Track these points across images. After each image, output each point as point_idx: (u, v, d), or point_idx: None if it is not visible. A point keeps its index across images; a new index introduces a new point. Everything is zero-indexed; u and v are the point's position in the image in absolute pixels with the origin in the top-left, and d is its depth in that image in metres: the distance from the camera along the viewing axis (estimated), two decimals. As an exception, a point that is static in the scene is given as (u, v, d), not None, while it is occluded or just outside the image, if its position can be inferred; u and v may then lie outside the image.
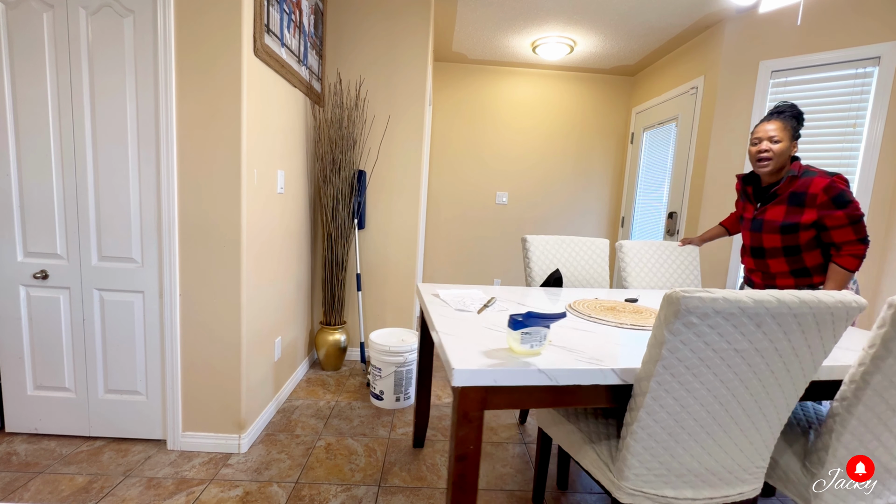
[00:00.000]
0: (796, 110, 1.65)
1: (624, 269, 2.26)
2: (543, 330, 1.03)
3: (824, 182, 1.55)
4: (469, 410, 0.98)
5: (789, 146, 1.62)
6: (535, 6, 2.80)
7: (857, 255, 1.54)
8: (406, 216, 2.84)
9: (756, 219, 1.72)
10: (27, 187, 1.70)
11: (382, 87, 2.72)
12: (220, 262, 1.74)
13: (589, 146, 4.13)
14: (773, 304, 0.82)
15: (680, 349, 0.84)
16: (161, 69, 1.63)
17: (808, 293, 0.84)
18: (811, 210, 1.57)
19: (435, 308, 1.47)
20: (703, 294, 0.80)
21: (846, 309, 0.86)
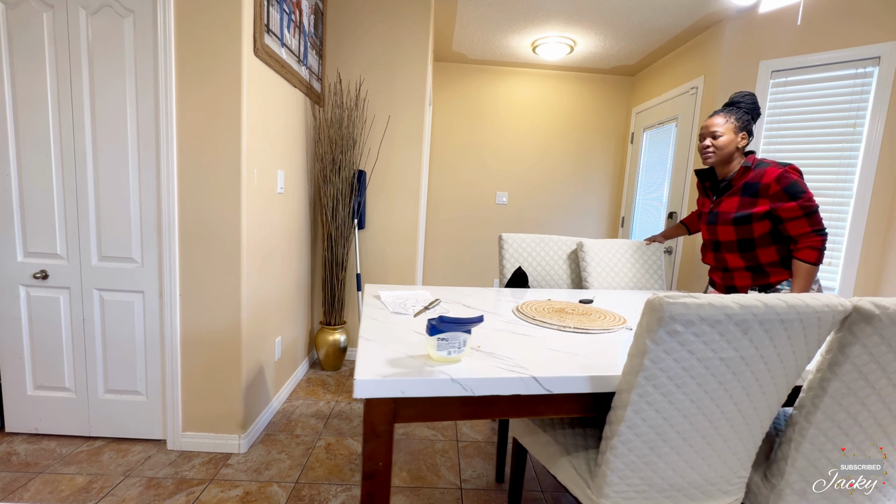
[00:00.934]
0: (747, 102, 1.62)
1: (585, 269, 2.18)
2: (462, 335, 0.96)
3: (776, 172, 1.52)
4: (377, 424, 0.91)
5: (734, 139, 1.61)
6: (535, 6, 2.80)
7: (815, 246, 1.49)
8: (406, 216, 2.84)
9: (712, 212, 1.69)
10: (27, 187, 1.70)
11: (382, 87, 2.72)
12: (220, 262, 1.74)
13: (589, 146, 4.13)
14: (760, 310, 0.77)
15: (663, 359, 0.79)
16: (161, 69, 1.63)
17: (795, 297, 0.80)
18: (764, 200, 1.54)
19: (370, 311, 1.39)
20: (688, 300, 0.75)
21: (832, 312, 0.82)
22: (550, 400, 0.98)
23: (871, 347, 0.85)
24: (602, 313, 1.47)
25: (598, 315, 1.45)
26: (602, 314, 1.46)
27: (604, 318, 1.41)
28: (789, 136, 2.56)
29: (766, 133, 2.63)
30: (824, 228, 1.50)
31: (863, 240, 2.31)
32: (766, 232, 1.57)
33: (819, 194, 2.47)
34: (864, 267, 2.32)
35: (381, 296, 1.57)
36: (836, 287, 2.40)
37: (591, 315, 1.44)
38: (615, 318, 1.40)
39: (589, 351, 1.10)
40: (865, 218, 2.30)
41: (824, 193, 2.44)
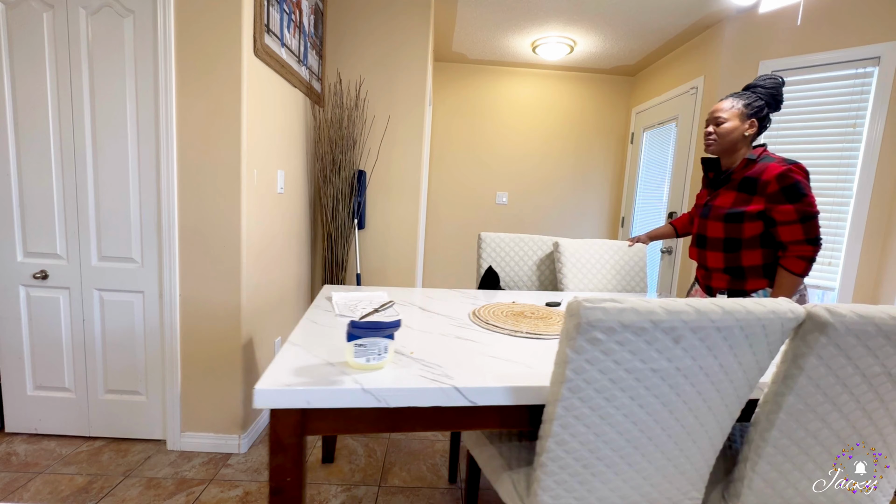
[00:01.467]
0: (766, 87, 1.46)
1: (560, 271, 2.07)
2: (383, 341, 0.91)
3: (779, 169, 1.37)
4: (283, 436, 0.85)
5: (740, 127, 1.45)
6: (535, 6, 2.80)
7: (805, 256, 1.35)
8: (406, 216, 2.84)
9: (707, 204, 1.56)
10: (27, 187, 1.70)
11: (382, 88, 2.72)
12: (220, 262, 1.74)
13: (589, 146, 4.13)
14: (691, 317, 0.70)
15: (586, 369, 0.72)
16: (161, 69, 1.63)
17: (734, 302, 0.73)
18: (760, 199, 1.40)
19: (313, 313, 1.34)
20: (608, 305, 0.67)
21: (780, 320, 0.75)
22: (478, 412, 0.91)
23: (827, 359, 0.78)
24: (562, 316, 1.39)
25: (560, 319, 1.37)
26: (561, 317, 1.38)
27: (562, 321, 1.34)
28: (789, 136, 2.56)
29: (765, 133, 2.63)
30: (820, 238, 1.37)
31: (863, 240, 2.32)
32: (757, 234, 1.44)
33: (819, 194, 2.46)
34: (864, 267, 2.32)
35: (334, 297, 1.53)
36: (836, 287, 2.41)
37: (551, 319, 1.37)
38: None
39: (533, 358, 1.04)
40: (865, 218, 2.30)
41: (824, 193, 2.44)
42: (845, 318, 0.75)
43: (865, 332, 0.76)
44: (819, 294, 2.52)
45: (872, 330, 0.76)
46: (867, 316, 0.76)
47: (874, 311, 0.76)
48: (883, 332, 0.77)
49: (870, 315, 0.76)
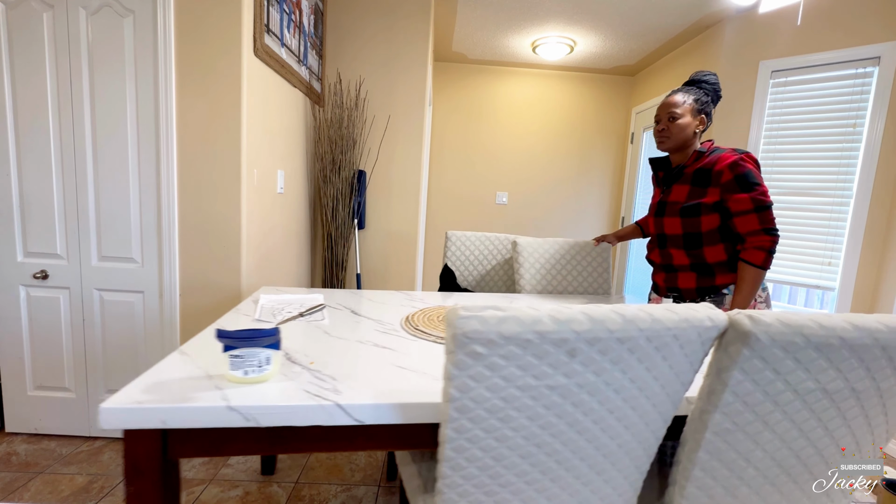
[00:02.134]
0: (710, 83, 1.47)
1: (518, 271, 1.96)
2: (264, 352, 0.83)
3: (731, 158, 1.36)
4: (140, 460, 0.75)
5: (692, 122, 1.44)
6: (535, 6, 2.80)
7: (763, 247, 1.32)
8: (406, 216, 2.84)
9: (661, 202, 1.53)
10: (27, 187, 1.70)
11: (382, 87, 2.72)
12: (220, 262, 1.74)
13: (589, 146, 4.13)
14: (584, 327, 0.61)
15: (472, 387, 0.63)
16: (161, 69, 1.63)
17: (638, 309, 0.65)
18: (714, 190, 1.38)
19: (229, 317, 1.26)
20: (487, 314, 0.59)
21: (696, 329, 0.67)
22: (371, 432, 0.81)
23: (752, 374, 0.69)
24: None
25: None
26: None
27: None
28: (789, 136, 2.56)
29: (766, 133, 2.63)
30: (776, 228, 1.33)
31: (863, 240, 2.32)
32: (715, 227, 1.40)
33: (819, 194, 2.47)
34: (864, 267, 2.32)
35: (261, 299, 1.45)
36: (836, 287, 2.41)
37: None
38: None
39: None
40: (865, 218, 2.30)
41: (824, 193, 2.45)
42: (770, 327, 0.66)
43: (793, 343, 0.67)
44: (819, 294, 2.52)
45: (801, 342, 0.66)
46: (794, 325, 0.66)
47: (802, 320, 0.67)
48: (813, 345, 0.67)
49: (797, 325, 0.66)
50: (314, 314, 1.33)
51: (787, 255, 2.57)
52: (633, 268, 3.95)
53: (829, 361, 0.69)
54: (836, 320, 0.68)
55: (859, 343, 0.68)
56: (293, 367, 0.93)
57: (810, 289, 2.54)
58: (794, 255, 2.55)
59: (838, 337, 0.67)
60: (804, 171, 2.51)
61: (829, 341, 0.67)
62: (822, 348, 0.68)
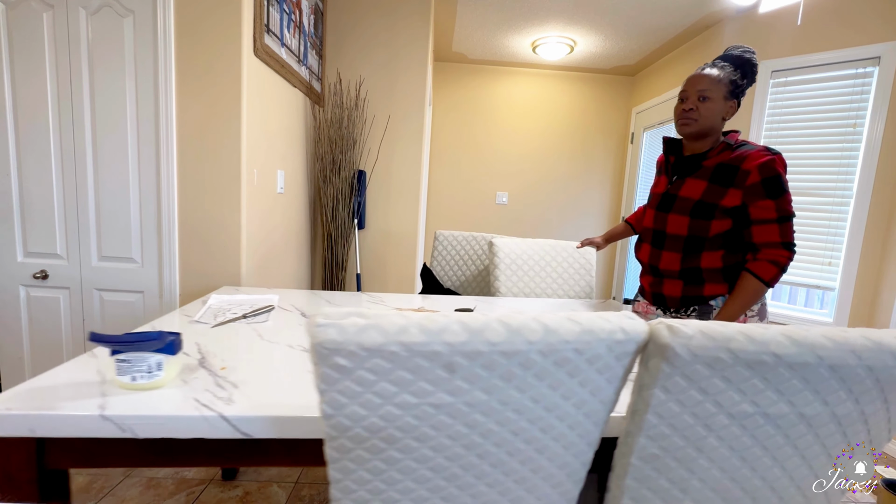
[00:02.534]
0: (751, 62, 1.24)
1: (493, 273, 1.87)
2: (154, 357, 0.78)
3: (763, 158, 1.16)
4: (13, 470, 0.71)
5: (723, 106, 1.23)
6: (535, 6, 2.80)
7: (779, 262, 1.16)
8: (406, 216, 2.84)
9: (668, 194, 1.33)
10: (27, 187, 1.70)
11: (382, 87, 2.72)
12: (220, 262, 1.74)
13: (589, 146, 4.13)
14: (458, 338, 0.53)
15: (344, 403, 0.56)
16: (161, 69, 1.63)
17: (530, 320, 0.57)
18: (736, 192, 1.19)
19: (164, 319, 1.22)
20: (346, 322, 0.52)
21: (604, 342, 0.58)
22: (265, 446, 0.76)
23: (676, 393, 0.60)
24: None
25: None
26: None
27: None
28: (789, 136, 2.56)
29: (766, 133, 2.63)
30: (794, 244, 1.18)
31: (863, 240, 2.32)
32: (722, 233, 1.23)
33: (819, 194, 2.47)
34: (864, 267, 2.32)
35: (211, 300, 1.42)
36: (836, 287, 2.41)
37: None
38: None
39: None
40: (865, 218, 2.30)
41: (824, 193, 2.45)
42: (690, 340, 0.57)
43: (718, 360, 0.58)
44: (819, 294, 2.52)
45: (727, 358, 0.57)
46: (719, 339, 0.57)
47: (729, 332, 0.58)
48: (743, 362, 0.58)
49: (723, 338, 0.57)
50: (259, 316, 1.28)
51: (788, 255, 2.57)
52: (633, 270, 3.95)
53: (765, 382, 0.59)
54: (771, 333, 0.58)
55: (799, 362, 0.57)
56: (199, 373, 0.87)
57: (810, 289, 2.54)
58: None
59: (772, 354, 0.57)
60: (804, 171, 2.51)
61: (760, 358, 0.57)
62: (755, 366, 0.58)
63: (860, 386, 0.60)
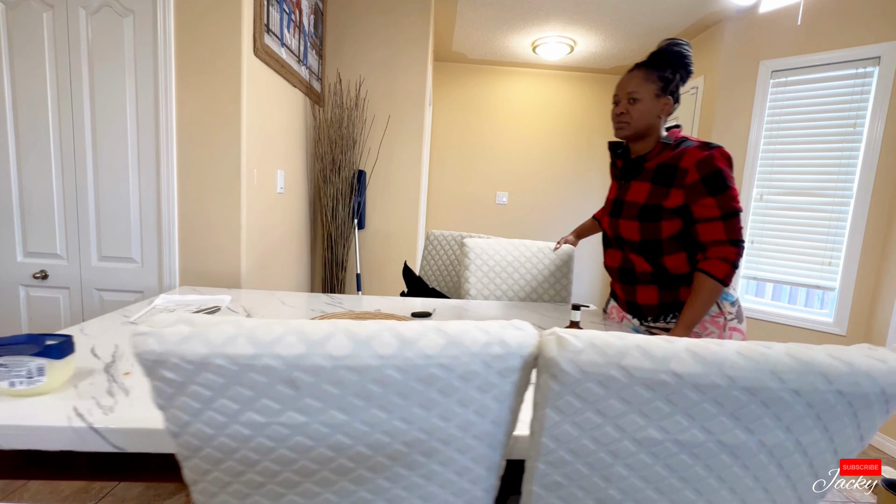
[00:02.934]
0: (682, 55, 1.22)
1: (463, 274, 1.79)
2: (35, 362, 0.73)
3: (699, 155, 1.14)
4: None
5: (656, 104, 1.20)
6: (535, 6, 2.80)
7: (728, 259, 1.14)
8: (406, 216, 2.84)
9: (617, 199, 1.31)
10: (27, 187, 1.70)
11: (382, 87, 2.72)
12: (220, 262, 1.74)
13: (589, 146, 4.13)
14: (293, 351, 0.47)
15: (186, 420, 0.51)
16: (161, 69, 1.63)
17: (378, 329, 0.50)
18: (678, 191, 1.16)
19: (97, 320, 1.18)
20: (168, 331, 0.47)
21: (478, 357, 0.50)
22: (145, 461, 0.71)
23: (570, 415, 0.52)
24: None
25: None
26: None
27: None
28: (789, 136, 2.56)
29: (766, 133, 2.63)
30: (742, 240, 1.16)
31: (863, 240, 2.32)
32: (676, 233, 1.20)
33: (819, 194, 2.47)
34: (864, 267, 2.32)
35: (158, 299, 1.39)
36: (836, 287, 2.41)
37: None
38: None
39: None
40: (865, 218, 2.30)
41: (824, 193, 2.45)
42: (579, 355, 0.49)
43: (613, 379, 0.49)
44: (819, 294, 2.52)
45: (621, 377, 0.49)
46: (611, 354, 0.49)
47: (624, 345, 0.50)
48: (639, 381, 0.49)
49: (615, 352, 0.49)
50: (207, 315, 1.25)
51: (788, 255, 2.57)
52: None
53: (671, 405, 0.50)
54: (675, 348, 0.49)
55: (706, 383, 0.49)
56: (97, 378, 0.82)
57: (810, 289, 2.54)
58: (794, 255, 2.55)
59: (672, 373, 0.48)
60: (804, 171, 2.51)
61: (659, 378, 0.49)
62: (655, 387, 0.49)
63: (790, 412, 0.50)
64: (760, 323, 2.66)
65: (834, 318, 2.42)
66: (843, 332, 2.39)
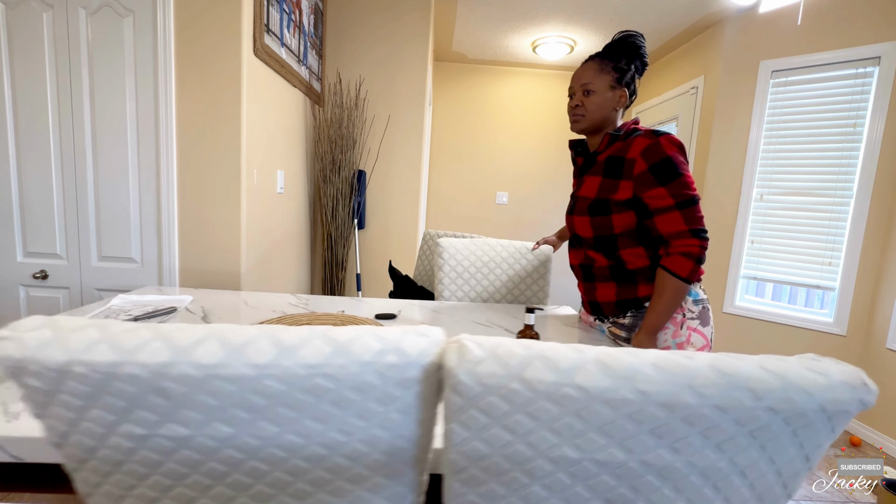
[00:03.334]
0: (636, 45, 1.19)
1: (437, 275, 1.73)
2: None
3: (645, 143, 1.09)
4: None
5: (611, 96, 1.18)
6: (535, 6, 2.79)
7: (691, 253, 1.06)
8: (406, 216, 2.84)
9: (573, 196, 1.29)
10: (27, 187, 1.70)
11: (382, 87, 2.72)
12: (220, 262, 1.74)
13: (589, 146, 4.12)
14: (159, 359, 0.44)
15: (67, 432, 0.48)
16: (161, 69, 1.63)
17: (254, 335, 0.46)
18: (627, 183, 1.11)
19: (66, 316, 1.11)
20: (28, 336, 0.44)
21: (371, 366, 0.46)
22: (56, 473, 0.67)
23: (477, 430, 0.47)
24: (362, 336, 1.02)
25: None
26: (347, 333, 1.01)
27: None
28: (789, 136, 2.56)
29: (766, 133, 2.63)
30: (705, 230, 1.07)
31: (863, 240, 2.32)
32: (632, 227, 1.15)
33: (819, 194, 2.47)
34: (864, 267, 2.32)
35: (116, 299, 1.36)
36: (836, 287, 2.41)
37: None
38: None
39: None
40: (865, 218, 2.30)
41: (824, 193, 2.45)
42: (478, 366, 0.45)
43: (516, 392, 0.44)
44: (819, 294, 2.52)
45: (524, 390, 0.44)
46: (513, 365, 0.44)
47: (528, 355, 0.45)
48: (545, 396, 0.44)
49: (517, 363, 0.44)
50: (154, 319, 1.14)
51: (788, 254, 2.57)
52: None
53: (582, 421, 0.45)
54: (583, 359, 0.44)
55: (616, 398, 0.44)
56: (11, 383, 0.76)
57: (810, 289, 2.54)
58: (794, 255, 2.55)
59: (577, 386, 0.43)
60: (804, 171, 2.51)
61: (563, 392, 0.44)
62: (562, 402, 0.44)
63: (718, 431, 0.45)
64: (760, 323, 2.66)
65: (834, 318, 2.42)
66: (843, 331, 2.39)
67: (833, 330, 2.42)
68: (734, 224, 2.74)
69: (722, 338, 2.81)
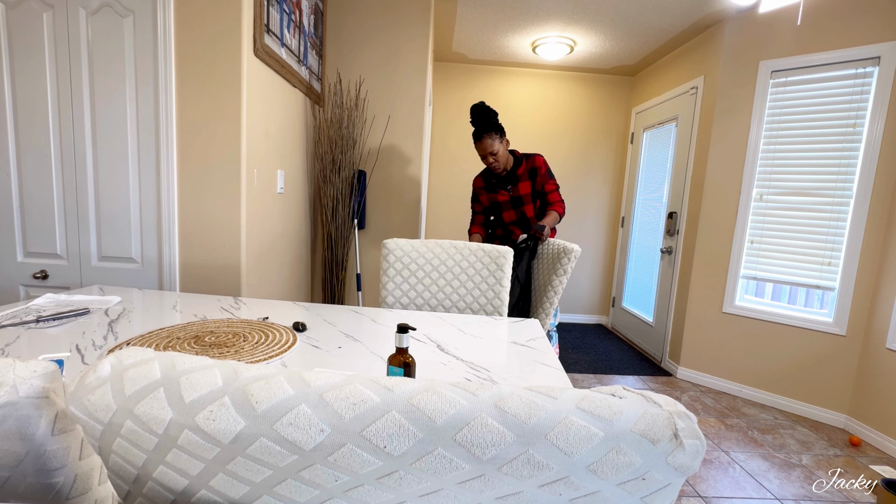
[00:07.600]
0: (487, 117, 2.07)
1: (381, 280, 1.66)
2: None
3: (540, 159, 2.18)
4: None
5: (504, 146, 2.13)
6: (535, 6, 2.80)
7: (563, 205, 2.23)
8: (406, 216, 2.84)
9: (514, 196, 2.21)
10: (27, 187, 1.70)
11: (382, 87, 2.72)
12: (220, 263, 1.74)
13: (589, 146, 4.13)
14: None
15: None
16: (161, 69, 1.63)
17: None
18: (540, 180, 2.18)
19: None
20: None
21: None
22: None
23: (144, 478, 0.39)
24: (259, 347, 0.97)
25: (252, 348, 0.96)
26: (253, 349, 0.96)
27: (239, 353, 0.93)
28: (789, 136, 2.56)
29: (766, 133, 2.63)
30: (563, 200, 2.43)
31: (863, 240, 2.32)
32: (538, 198, 2.26)
33: (819, 194, 2.47)
34: (864, 267, 2.32)
35: (43, 297, 1.31)
36: (836, 287, 2.41)
37: (234, 347, 0.97)
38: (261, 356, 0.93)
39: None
40: (865, 218, 2.30)
41: (824, 193, 2.45)
42: (92, 394, 0.35)
43: (141, 437, 0.36)
44: (819, 294, 2.52)
45: (147, 433, 0.36)
46: (129, 395, 0.33)
47: (165, 378, 0.35)
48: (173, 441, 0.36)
49: (135, 391, 0.34)
50: (63, 318, 1.07)
51: (788, 254, 2.57)
52: (632, 272, 3.95)
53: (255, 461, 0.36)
54: (231, 388, 0.34)
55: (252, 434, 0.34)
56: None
57: (810, 289, 2.54)
58: (794, 255, 2.55)
59: (198, 429, 0.33)
60: (804, 171, 2.51)
61: (186, 436, 0.33)
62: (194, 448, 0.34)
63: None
64: (760, 323, 2.66)
65: (834, 318, 2.42)
66: (842, 331, 2.39)
67: (833, 330, 2.42)
68: (734, 224, 2.74)
69: (722, 338, 2.81)
